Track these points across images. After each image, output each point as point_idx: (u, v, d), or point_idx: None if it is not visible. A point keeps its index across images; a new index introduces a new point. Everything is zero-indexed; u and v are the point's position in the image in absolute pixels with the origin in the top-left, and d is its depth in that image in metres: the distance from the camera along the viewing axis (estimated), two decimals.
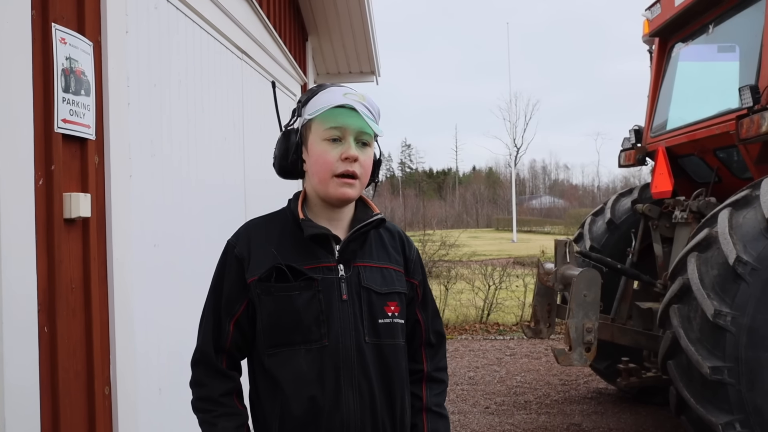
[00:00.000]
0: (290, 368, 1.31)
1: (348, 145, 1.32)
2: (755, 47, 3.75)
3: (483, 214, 51.10)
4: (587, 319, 3.59)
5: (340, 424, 1.31)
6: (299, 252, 1.34)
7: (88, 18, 1.76)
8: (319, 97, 1.36)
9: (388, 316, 1.37)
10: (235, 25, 3.25)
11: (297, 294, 1.31)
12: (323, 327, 1.31)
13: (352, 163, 1.32)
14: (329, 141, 1.32)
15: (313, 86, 1.43)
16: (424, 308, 1.51)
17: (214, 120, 2.93)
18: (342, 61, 6.64)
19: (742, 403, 2.87)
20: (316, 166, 1.34)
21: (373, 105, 1.37)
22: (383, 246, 1.43)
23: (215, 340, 1.38)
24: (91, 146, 1.76)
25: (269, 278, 1.32)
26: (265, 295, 1.32)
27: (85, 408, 1.71)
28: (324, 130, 1.32)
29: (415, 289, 1.47)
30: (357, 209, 1.43)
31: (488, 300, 8.58)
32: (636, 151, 4.99)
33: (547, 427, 4.41)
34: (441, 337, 1.55)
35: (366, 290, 1.35)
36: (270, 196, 4.09)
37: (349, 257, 1.36)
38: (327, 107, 1.31)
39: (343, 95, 1.33)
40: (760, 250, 2.95)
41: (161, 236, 2.24)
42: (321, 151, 1.32)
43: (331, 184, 1.32)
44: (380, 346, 1.36)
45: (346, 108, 1.31)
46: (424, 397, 1.48)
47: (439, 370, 1.52)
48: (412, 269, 1.47)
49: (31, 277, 1.49)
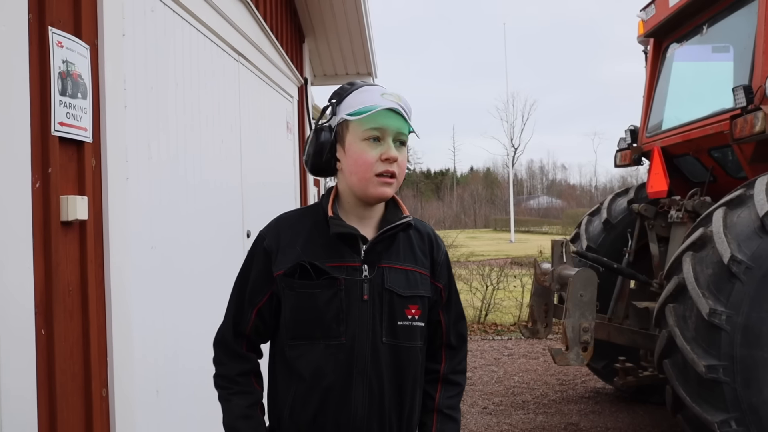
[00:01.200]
0: (308, 361, 1.35)
1: (388, 146, 1.34)
2: (749, 47, 3.77)
3: (481, 214, 51.18)
4: (584, 318, 3.60)
5: (346, 417, 1.34)
6: (325, 249, 1.37)
7: (84, 21, 1.77)
8: (355, 96, 1.37)
9: (408, 319, 1.39)
10: (231, 28, 3.26)
11: (319, 292, 1.34)
12: (342, 325, 1.34)
13: (392, 164, 1.34)
14: (369, 141, 1.34)
15: (345, 84, 1.43)
16: (447, 310, 1.52)
17: (211, 122, 2.94)
18: (339, 63, 6.65)
19: (737, 401, 2.89)
20: (355, 166, 1.35)
21: (407, 104, 1.38)
22: (411, 248, 1.44)
23: (236, 325, 1.43)
24: (88, 149, 1.76)
25: (293, 274, 1.35)
26: (288, 289, 1.36)
27: (82, 410, 1.72)
28: (364, 130, 1.33)
29: (440, 292, 1.48)
30: (387, 210, 1.44)
31: (486, 300, 8.59)
32: (632, 151, 5.01)
33: (544, 426, 4.42)
34: (462, 340, 1.55)
35: (388, 292, 1.37)
36: (267, 197, 4.09)
37: (375, 258, 1.38)
38: (370, 110, 1.32)
39: (381, 95, 1.34)
40: (755, 249, 2.97)
41: (158, 238, 2.25)
42: (360, 150, 1.34)
43: (371, 183, 1.34)
44: (396, 347, 1.38)
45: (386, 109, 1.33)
46: (437, 398, 1.49)
47: (456, 373, 1.53)
48: (439, 272, 1.48)
49: (28, 280, 1.50)
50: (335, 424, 1.35)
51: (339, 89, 1.42)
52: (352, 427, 1.35)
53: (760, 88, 3.50)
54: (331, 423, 1.35)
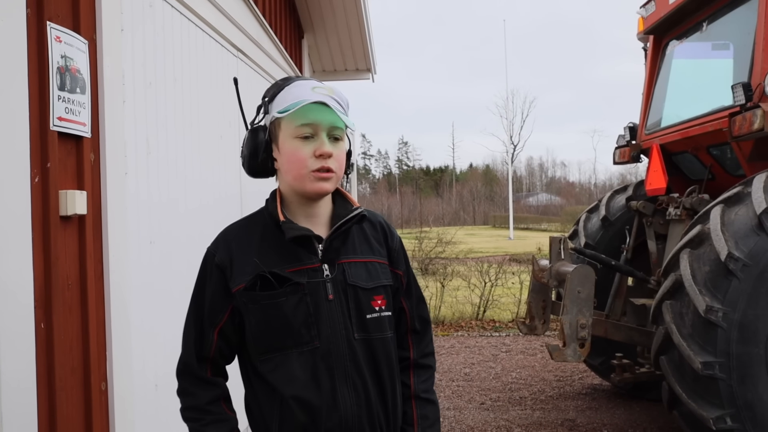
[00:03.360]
0: (284, 372, 1.30)
1: (321, 141, 1.29)
2: (748, 45, 3.77)
3: (480, 211, 51.20)
4: (581, 315, 3.61)
5: (338, 423, 1.31)
6: (282, 255, 1.32)
7: (83, 16, 1.77)
8: (286, 92, 1.32)
9: (376, 311, 1.37)
10: (230, 23, 3.25)
11: (284, 300, 1.30)
12: (313, 329, 1.30)
13: (327, 159, 1.30)
14: (301, 138, 1.29)
15: (278, 80, 1.37)
16: (408, 296, 1.50)
17: (209, 117, 2.94)
18: (338, 59, 6.65)
19: (732, 397, 2.90)
20: (289, 164, 1.31)
21: (342, 97, 1.34)
22: (366, 239, 1.42)
23: (198, 350, 1.37)
24: (87, 144, 1.77)
25: (254, 287, 1.30)
26: (251, 303, 1.31)
27: (81, 403, 1.73)
28: (295, 127, 1.29)
29: (400, 279, 1.47)
30: (335, 203, 1.41)
31: (484, 297, 8.61)
32: (630, 149, 5.01)
33: (541, 422, 4.44)
34: (426, 322, 1.54)
35: (352, 287, 1.35)
36: (266, 192, 4.09)
37: (333, 256, 1.35)
38: (296, 105, 1.26)
39: (311, 89, 1.29)
40: (752, 247, 2.98)
41: (157, 233, 2.26)
42: (293, 148, 1.29)
43: (307, 179, 1.30)
44: (370, 341, 1.36)
45: (316, 103, 1.27)
46: (412, 385, 1.48)
47: (425, 356, 1.52)
48: (396, 259, 1.46)
49: (27, 274, 1.51)
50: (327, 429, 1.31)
51: (272, 86, 1.37)
52: (345, 429, 1.32)
53: (759, 85, 3.50)
54: (324, 429, 1.31)
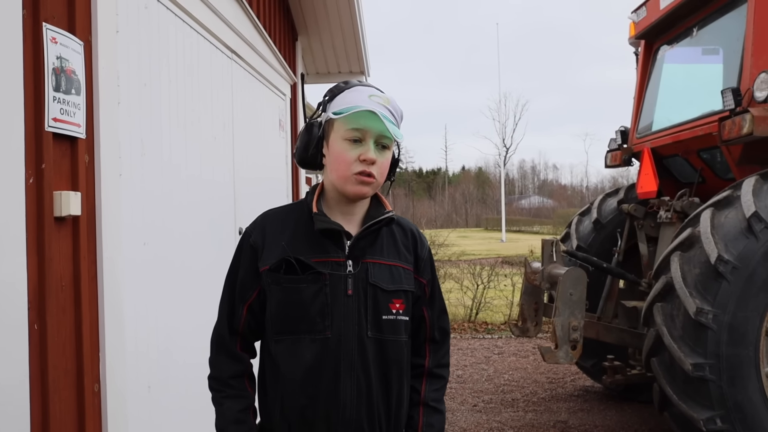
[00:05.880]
0: (294, 355, 1.37)
1: (367, 147, 1.35)
2: (737, 50, 3.82)
3: (472, 213, 51.27)
4: (573, 317, 3.63)
5: (336, 412, 1.36)
6: (310, 244, 1.39)
7: (78, 17, 1.77)
8: (345, 95, 1.39)
9: (393, 313, 1.41)
10: (224, 25, 3.26)
11: (304, 286, 1.36)
12: (327, 319, 1.36)
13: (369, 165, 1.35)
14: (350, 141, 1.35)
15: (340, 82, 1.44)
16: (431, 306, 1.54)
17: (204, 119, 2.94)
18: (332, 61, 6.65)
19: (722, 398, 2.93)
20: (335, 163, 1.37)
21: (396, 109, 1.40)
22: (394, 243, 1.47)
23: (230, 323, 1.44)
24: (82, 145, 1.77)
25: (278, 269, 1.37)
26: (274, 284, 1.38)
27: (74, 405, 1.72)
28: (346, 130, 1.35)
29: (423, 287, 1.51)
30: (371, 206, 1.46)
31: (477, 299, 8.63)
32: (622, 152, 5.05)
33: (534, 424, 4.45)
34: (445, 334, 1.58)
35: (372, 287, 1.39)
36: (259, 193, 4.10)
37: (359, 254, 1.40)
38: (351, 110, 1.33)
39: (368, 97, 1.36)
40: (741, 249, 3.02)
41: (151, 234, 2.25)
42: (341, 150, 1.36)
43: (348, 181, 1.36)
44: (382, 341, 1.40)
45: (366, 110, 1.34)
46: (423, 392, 1.52)
47: (440, 366, 1.56)
48: (422, 268, 1.50)
49: (21, 275, 1.50)
50: (325, 419, 1.36)
51: (334, 87, 1.44)
52: (342, 421, 1.36)
53: (748, 90, 3.54)
54: (321, 418, 1.36)
